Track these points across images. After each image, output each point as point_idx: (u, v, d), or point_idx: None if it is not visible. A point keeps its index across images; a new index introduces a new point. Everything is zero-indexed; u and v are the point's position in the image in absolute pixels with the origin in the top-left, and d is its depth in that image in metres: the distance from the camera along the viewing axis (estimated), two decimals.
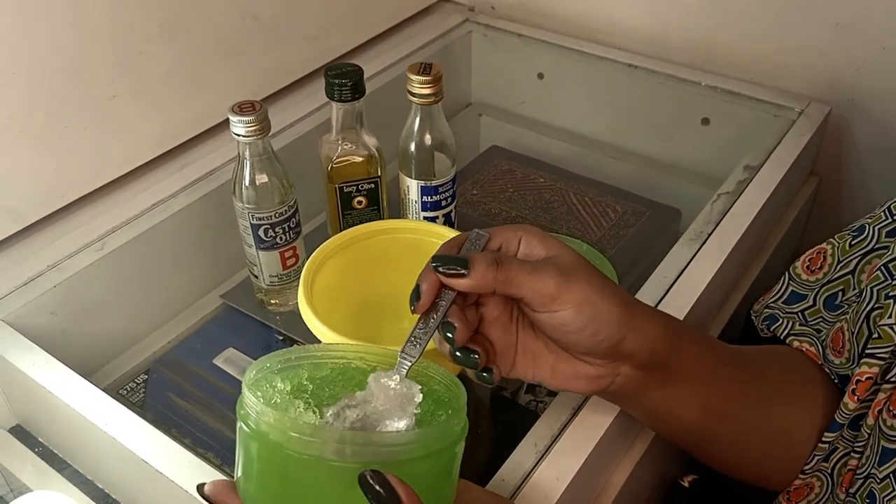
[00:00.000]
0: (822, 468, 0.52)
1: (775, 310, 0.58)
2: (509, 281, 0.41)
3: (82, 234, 0.63)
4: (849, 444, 0.50)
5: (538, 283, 0.41)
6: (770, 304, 0.59)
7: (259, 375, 0.40)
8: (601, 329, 0.42)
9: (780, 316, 0.58)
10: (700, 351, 0.48)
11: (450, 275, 0.41)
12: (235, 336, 0.67)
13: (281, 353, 0.41)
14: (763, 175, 0.69)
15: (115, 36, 0.63)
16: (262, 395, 0.39)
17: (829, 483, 0.52)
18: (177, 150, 0.71)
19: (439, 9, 0.96)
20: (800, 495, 0.53)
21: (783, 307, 0.58)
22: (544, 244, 0.44)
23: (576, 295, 0.41)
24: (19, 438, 0.60)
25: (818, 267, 0.58)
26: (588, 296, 0.41)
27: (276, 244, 0.63)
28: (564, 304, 0.41)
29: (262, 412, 0.36)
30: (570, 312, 0.41)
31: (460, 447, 0.39)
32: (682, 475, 0.71)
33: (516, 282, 0.41)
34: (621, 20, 0.87)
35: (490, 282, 0.41)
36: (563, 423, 0.50)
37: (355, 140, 0.64)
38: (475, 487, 0.42)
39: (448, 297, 0.42)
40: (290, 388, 0.41)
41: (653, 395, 0.46)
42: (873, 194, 0.81)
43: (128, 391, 0.64)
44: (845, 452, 0.51)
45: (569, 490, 0.46)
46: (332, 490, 0.36)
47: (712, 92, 0.80)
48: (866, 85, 0.76)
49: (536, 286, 0.41)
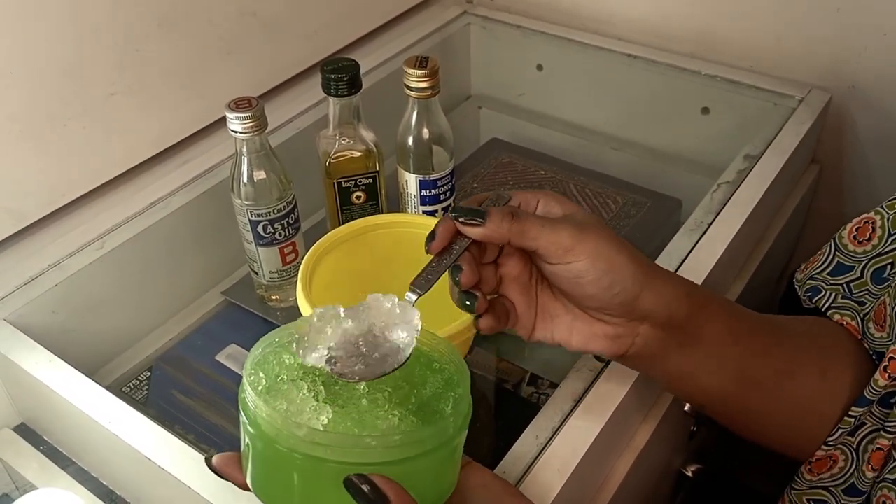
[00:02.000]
0: (847, 442, 0.51)
1: (819, 281, 0.57)
2: (524, 232, 0.42)
3: (83, 233, 0.63)
4: (878, 422, 0.49)
5: (553, 234, 0.42)
6: (814, 276, 0.58)
7: (268, 350, 0.40)
8: (616, 282, 0.42)
9: (824, 288, 0.56)
10: (727, 317, 0.48)
11: (466, 223, 0.42)
12: (237, 332, 0.68)
13: (291, 325, 0.41)
14: (764, 164, 0.68)
15: (113, 34, 0.63)
16: (266, 375, 0.39)
17: (853, 458, 0.51)
18: (176, 147, 0.71)
19: (437, 1, 0.95)
20: (822, 467, 0.52)
21: (827, 279, 0.57)
22: (562, 206, 0.45)
23: (591, 247, 0.42)
24: (24, 437, 0.61)
25: (866, 238, 0.56)
26: (603, 249, 0.42)
27: (275, 240, 0.63)
28: (579, 256, 0.42)
29: (257, 405, 0.36)
30: (585, 263, 0.42)
31: (461, 438, 0.39)
32: (686, 465, 0.71)
33: (531, 234, 0.42)
34: (620, 10, 0.87)
35: (505, 232, 0.42)
36: (564, 415, 0.50)
37: (353, 135, 0.64)
38: (487, 473, 0.42)
39: (462, 244, 0.43)
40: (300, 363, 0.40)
41: (674, 359, 0.46)
42: (875, 181, 0.81)
43: (131, 389, 0.64)
44: (874, 429, 0.50)
45: (570, 482, 0.47)
46: (324, 486, 0.36)
47: (712, 81, 0.80)
48: (867, 72, 0.76)
49: (551, 238, 0.42)
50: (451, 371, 0.41)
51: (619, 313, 0.44)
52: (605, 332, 0.44)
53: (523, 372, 0.63)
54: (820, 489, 0.52)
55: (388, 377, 0.40)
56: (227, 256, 0.72)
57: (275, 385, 0.39)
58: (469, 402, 0.39)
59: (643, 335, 0.44)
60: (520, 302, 0.46)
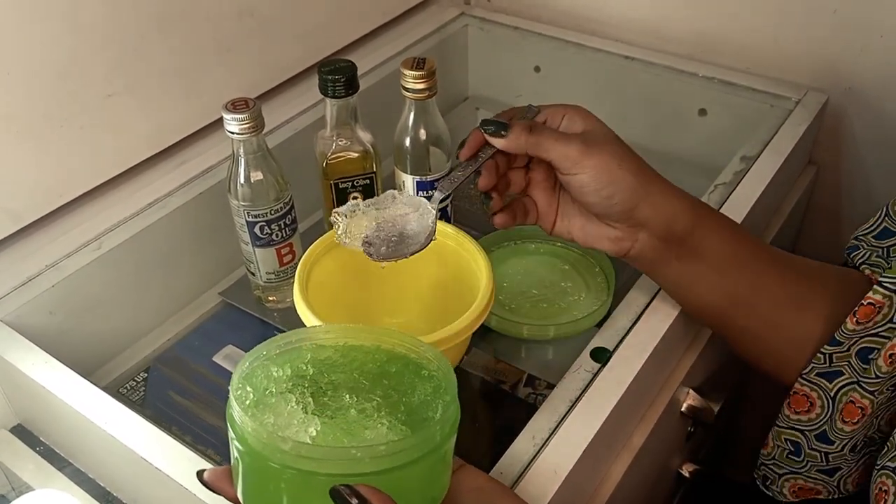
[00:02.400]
0: (825, 387, 0.52)
1: (861, 241, 0.58)
2: (539, 144, 0.49)
3: (80, 234, 0.63)
4: (855, 375, 0.50)
5: (563, 148, 0.49)
6: (859, 236, 0.59)
7: (256, 363, 0.40)
8: (615, 193, 0.49)
9: (864, 246, 0.58)
10: (729, 238, 0.52)
11: (490, 133, 0.50)
12: (234, 333, 0.68)
13: (281, 336, 0.42)
14: (760, 165, 0.68)
15: (110, 35, 0.63)
16: (254, 388, 0.39)
17: (829, 406, 0.52)
18: (173, 148, 0.71)
19: (435, 2, 0.95)
20: (800, 405, 0.54)
21: (871, 240, 0.58)
22: (585, 120, 0.51)
23: (595, 160, 0.48)
24: (21, 438, 0.61)
25: None
26: (606, 163, 0.49)
27: (272, 241, 0.63)
28: (584, 169, 0.48)
29: (244, 421, 0.36)
30: (588, 176, 0.49)
31: (450, 444, 0.38)
32: (683, 465, 0.71)
33: (545, 146, 0.49)
34: (617, 12, 0.87)
35: (522, 144, 0.49)
36: (560, 415, 0.50)
37: (350, 136, 0.64)
38: (481, 475, 0.43)
39: (487, 152, 0.50)
40: (289, 374, 0.40)
41: (673, 268, 0.52)
42: (872, 182, 0.81)
43: (127, 390, 0.64)
44: (850, 381, 0.51)
45: (567, 482, 0.47)
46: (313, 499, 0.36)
47: (709, 82, 0.80)
48: (864, 73, 0.76)
49: (561, 150, 0.49)
50: (439, 378, 0.41)
51: (619, 220, 0.50)
52: (608, 235, 0.52)
53: (520, 373, 0.63)
54: (796, 430, 0.54)
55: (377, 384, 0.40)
56: (225, 257, 0.72)
57: (263, 398, 0.39)
58: (456, 408, 0.39)
59: (642, 241, 0.51)
60: (542, 202, 0.53)
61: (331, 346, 0.42)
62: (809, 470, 0.54)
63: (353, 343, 0.43)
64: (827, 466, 0.53)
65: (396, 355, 0.42)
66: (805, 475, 0.55)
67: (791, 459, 0.55)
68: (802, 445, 0.54)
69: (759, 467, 0.58)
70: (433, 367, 0.41)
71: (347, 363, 0.42)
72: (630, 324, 0.56)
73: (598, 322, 0.65)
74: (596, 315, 0.65)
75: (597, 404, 0.50)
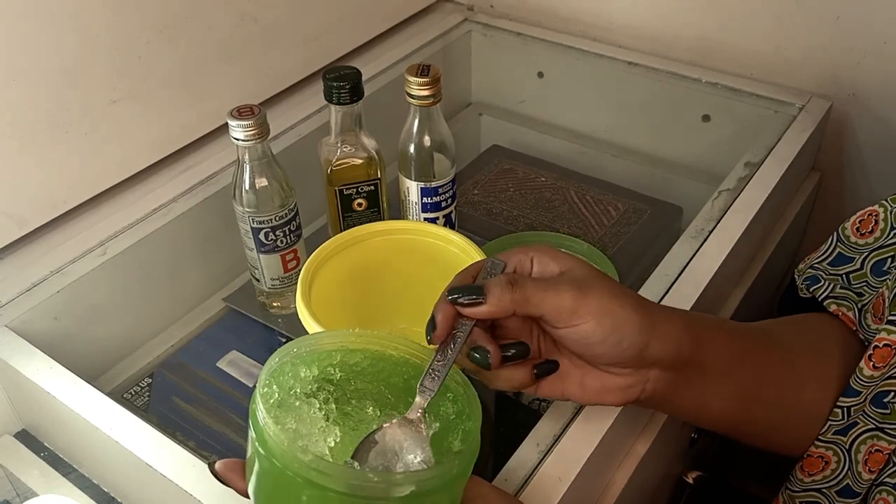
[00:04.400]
0: (839, 441, 0.51)
1: (819, 271, 0.57)
2: (527, 300, 0.41)
3: (84, 240, 0.63)
4: (873, 422, 0.49)
5: (555, 298, 0.41)
6: (814, 265, 0.58)
7: (286, 360, 0.40)
8: (624, 338, 0.42)
9: (823, 277, 0.57)
10: (727, 342, 0.48)
11: (467, 304, 0.41)
12: (238, 339, 0.68)
13: (312, 335, 0.41)
14: (764, 171, 0.68)
15: (114, 41, 0.63)
16: (280, 387, 0.39)
17: (846, 458, 0.51)
18: (177, 154, 0.71)
19: (438, 8, 0.96)
20: (814, 467, 0.52)
21: (827, 268, 0.57)
22: (557, 260, 0.44)
23: (594, 306, 0.41)
24: (25, 443, 0.61)
25: (868, 230, 0.57)
26: (606, 306, 0.42)
27: (276, 247, 0.63)
28: (584, 317, 0.41)
29: (266, 423, 0.36)
30: (591, 325, 0.41)
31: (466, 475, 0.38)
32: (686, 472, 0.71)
33: (534, 300, 0.41)
34: (621, 18, 0.87)
35: (507, 304, 0.41)
36: (565, 422, 0.50)
37: (354, 142, 0.64)
38: (485, 484, 0.42)
39: (465, 327, 0.42)
40: (316, 375, 0.40)
41: (684, 394, 0.47)
42: (875, 188, 0.81)
43: (132, 395, 0.64)
44: (868, 429, 0.50)
45: (571, 489, 0.47)
46: None
47: (712, 88, 0.80)
48: (868, 79, 0.76)
49: (554, 302, 0.41)
50: (463, 403, 0.40)
51: (629, 364, 0.44)
52: (616, 385, 0.44)
53: None
54: (813, 491, 0.52)
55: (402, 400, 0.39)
56: (229, 263, 0.72)
57: (287, 399, 0.39)
58: (477, 440, 0.38)
59: (653, 380, 0.45)
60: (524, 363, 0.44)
61: (360, 351, 0.41)
62: None
63: (382, 352, 0.42)
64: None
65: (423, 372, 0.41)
66: None
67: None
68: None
69: None
70: (459, 391, 0.41)
71: (375, 373, 0.41)
72: None
73: None
74: None
75: (601, 411, 0.50)
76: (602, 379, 0.44)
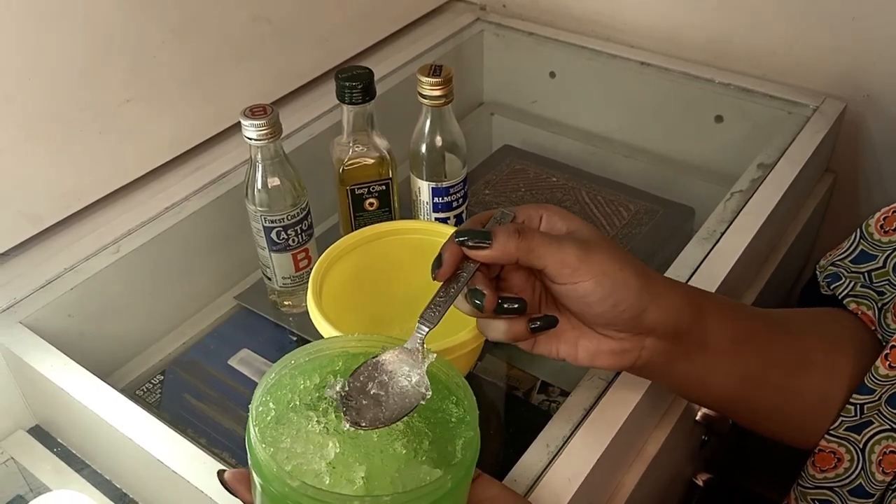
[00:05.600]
0: (853, 440, 0.50)
1: (840, 268, 0.56)
2: (531, 251, 0.42)
3: (98, 237, 0.64)
4: (888, 423, 0.49)
5: (559, 253, 0.42)
6: (836, 262, 0.57)
7: (284, 372, 0.40)
8: (622, 299, 0.42)
9: (844, 275, 0.56)
10: (731, 320, 0.48)
11: (473, 246, 0.42)
12: (250, 337, 0.68)
13: (313, 344, 0.41)
14: (777, 173, 0.68)
15: (128, 41, 0.64)
16: (278, 402, 0.39)
17: (859, 458, 0.50)
18: (190, 153, 0.72)
19: (450, 8, 0.96)
20: (826, 463, 0.52)
21: (849, 266, 0.56)
22: (565, 220, 0.45)
23: (595, 266, 0.42)
24: (38, 439, 0.61)
25: (893, 228, 0.55)
26: (608, 267, 0.42)
27: (288, 246, 0.64)
28: (584, 276, 0.42)
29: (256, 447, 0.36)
30: (590, 284, 0.42)
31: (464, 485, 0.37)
32: (696, 474, 0.71)
33: (538, 252, 0.42)
34: (633, 18, 0.87)
35: (512, 251, 0.41)
36: (575, 423, 0.50)
37: (366, 142, 0.64)
38: (495, 485, 0.42)
39: (469, 268, 0.43)
40: (317, 383, 0.40)
41: (681, 367, 0.47)
42: (890, 190, 0.81)
43: (144, 392, 0.64)
44: (882, 430, 0.49)
45: (581, 490, 0.46)
46: None
47: (725, 89, 0.80)
48: (882, 80, 0.76)
49: (557, 256, 0.42)
50: (464, 409, 0.40)
51: (626, 328, 0.44)
52: (610, 348, 0.45)
53: (534, 379, 0.63)
54: (825, 489, 0.52)
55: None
56: (240, 261, 0.72)
57: (285, 414, 0.38)
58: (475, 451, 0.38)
59: (649, 348, 0.45)
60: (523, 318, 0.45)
61: (363, 355, 0.41)
62: None
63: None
64: None
65: (428, 373, 0.41)
66: None
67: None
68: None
69: None
70: (461, 395, 0.41)
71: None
72: None
73: None
74: None
75: (611, 412, 0.50)
76: (598, 341, 0.45)
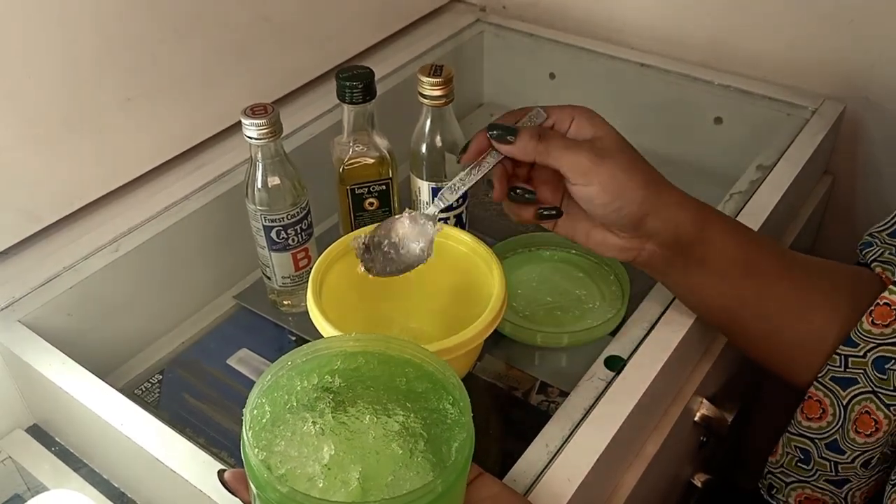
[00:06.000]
0: (836, 392, 0.52)
1: (876, 238, 0.58)
2: (548, 153, 0.48)
3: (98, 236, 0.64)
4: (871, 385, 0.50)
5: (573, 157, 0.47)
6: (873, 233, 0.58)
7: (281, 373, 0.40)
8: (624, 206, 0.48)
9: (878, 243, 0.57)
10: (737, 246, 0.51)
11: (496, 138, 0.49)
12: (249, 336, 0.68)
13: (311, 344, 0.41)
14: (776, 174, 0.68)
15: (129, 40, 0.64)
16: (274, 404, 0.39)
17: (840, 415, 0.52)
18: (190, 152, 0.72)
19: (451, 9, 0.96)
20: (813, 412, 0.53)
21: (884, 237, 0.57)
22: (594, 126, 0.50)
23: (604, 173, 0.47)
24: (36, 438, 0.61)
25: None
26: (615, 175, 0.47)
27: (288, 246, 0.64)
28: (592, 180, 0.47)
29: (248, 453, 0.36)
30: (596, 189, 0.47)
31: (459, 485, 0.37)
32: (695, 475, 0.71)
33: (553, 154, 0.48)
34: (633, 19, 0.87)
35: (531, 151, 0.48)
36: (574, 423, 0.50)
37: (367, 142, 0.64)
38: (496, 483, 0.42)
39: (492, 159, 0.49)
40: (315, 384, 0.40)
41: (678, 276, 0.52)
42: (889, 192, 0.81)
43: (143, 391, 0.64)
44: (865, 391, 0.50)
45: (580, 491, 0.47)
46: None
47: (725, 91, 0.80)
48: (881, 82, 0.76)
49: (571, 159, 0.47)
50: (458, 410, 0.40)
51: (626, 230, 0.49)
52: (614, 243, 0.51)
53: (533, 380, 0.63)
54: (806, 438, 0.54)
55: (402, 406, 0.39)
56: (240, 261, 0.72)
57: (281, 415, 0.38)
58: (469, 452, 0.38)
59: (648, 251, 0.50)
60: (547, 199, 0.52)
61: (361, 354, 0.41)
62: (818, 479, 0.54)
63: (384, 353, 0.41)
64: (836, 477, 0.53)
65: (426, 373, 0.41)
66: (813, 484, 0.55)
67: (800, 468, 0.55)
68: (812, 454, 0.54)
69: (766, 476, 0.58)
70: (457, 395, 0.40)
71: (377, 376, 0.41)
72: (644, 333, 0.56)
73: (613, 330, 0.65)
74: (610, 323, 0.65)
75: (610, 413, 0.50)
76: (604, 235, 0.51)
